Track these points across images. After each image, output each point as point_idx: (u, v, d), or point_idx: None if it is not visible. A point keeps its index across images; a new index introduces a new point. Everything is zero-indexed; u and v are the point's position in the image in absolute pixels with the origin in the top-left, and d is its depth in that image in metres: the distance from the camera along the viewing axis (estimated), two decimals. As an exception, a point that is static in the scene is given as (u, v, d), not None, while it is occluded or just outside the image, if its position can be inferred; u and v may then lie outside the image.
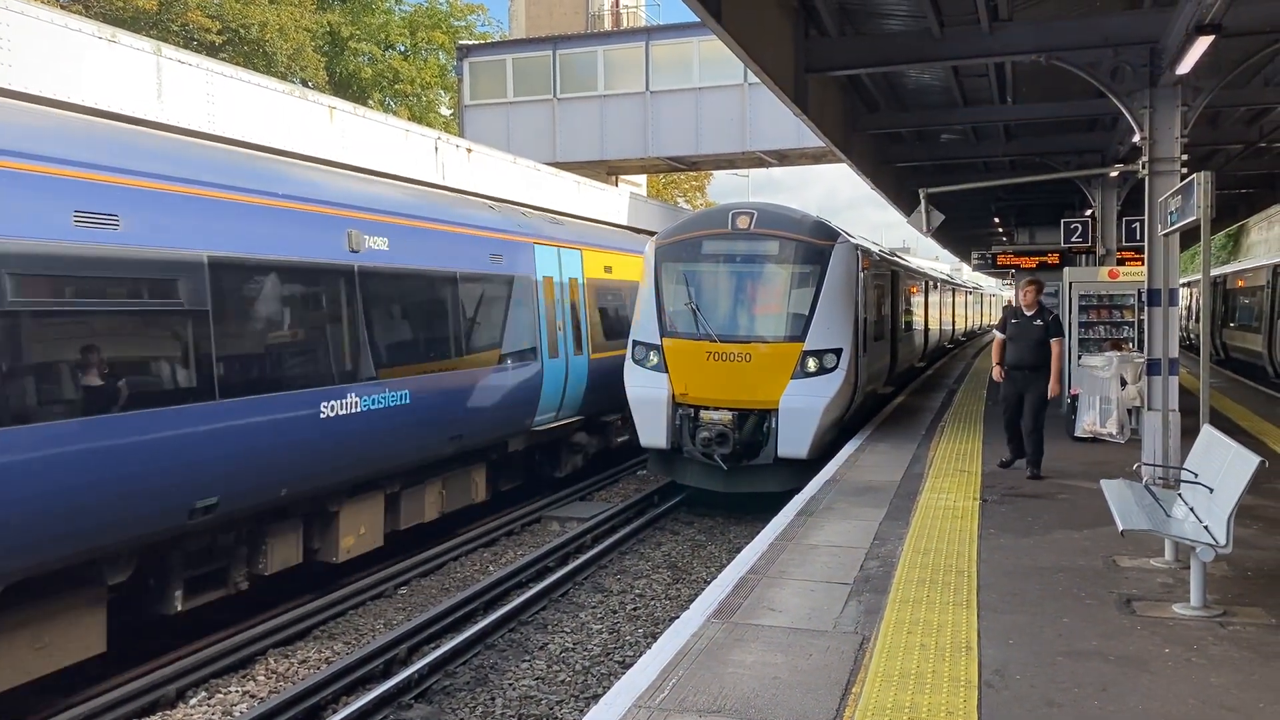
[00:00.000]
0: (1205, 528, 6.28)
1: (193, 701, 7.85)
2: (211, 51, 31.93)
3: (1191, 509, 6.77)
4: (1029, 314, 10.98)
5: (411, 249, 11.18)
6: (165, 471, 7.76)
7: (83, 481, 7.10)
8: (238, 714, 7.55)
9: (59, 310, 7.15)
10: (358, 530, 10.47)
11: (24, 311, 6.80)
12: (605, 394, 15.69)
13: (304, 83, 35.77)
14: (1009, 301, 29.50)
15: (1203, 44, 9.34)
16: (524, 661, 8.61)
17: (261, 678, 8.31)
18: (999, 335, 11.40)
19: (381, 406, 10.31)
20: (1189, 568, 6.46)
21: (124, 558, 7.85)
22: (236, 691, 8.03)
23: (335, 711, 7.46)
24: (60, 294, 7.15)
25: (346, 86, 40.32)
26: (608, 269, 16.97)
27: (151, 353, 7.97)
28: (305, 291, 9.66)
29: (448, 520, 12.65)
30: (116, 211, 7.52)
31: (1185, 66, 9.91)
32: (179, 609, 8.56)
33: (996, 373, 11.42)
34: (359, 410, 9.95)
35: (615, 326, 16.66)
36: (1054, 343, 10.86)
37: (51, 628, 7.33)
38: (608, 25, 34.77)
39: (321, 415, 9.44)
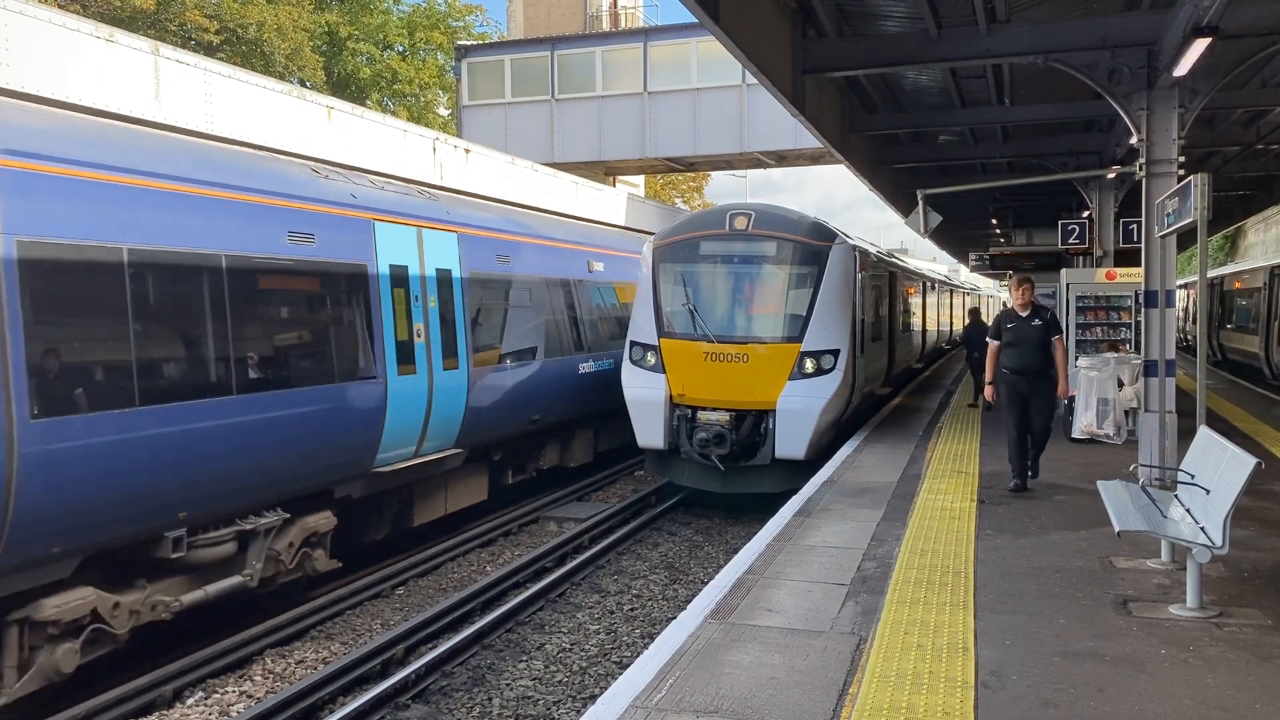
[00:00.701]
0: (1202, 529, 6.29)
1: (190, 701, 7.85)
2: (209, 51, 31.92)
3: (1188, 510, 6.78)
4: (1024, 314, 10.33)
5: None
6: (522, 400, 13.50)
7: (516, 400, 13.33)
8: (235, 714, 7.55)
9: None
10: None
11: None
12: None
13: (302, 83, 35.77)
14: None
15: (1200, 46, 9.36)
16: (521, 662, 8.61)
17: (259, 678, 8.31)
18: (993, 343, 10.53)
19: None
20: (1185, 569, 6.47)
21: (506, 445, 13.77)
22: (234, 691, 8.03)
23: (332, 711, 7.46)
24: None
25: (345, 86, 40.31)
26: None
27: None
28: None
29: (446, 520, 12.65)
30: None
31: (1183, 68, 9.92)
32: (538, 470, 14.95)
33: (989, 393, 10.55)
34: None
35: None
36: (1056, 341, 10.30)
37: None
38: (606, 26, 34.77)
39: (580, 371, 15.71)
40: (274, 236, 9.37)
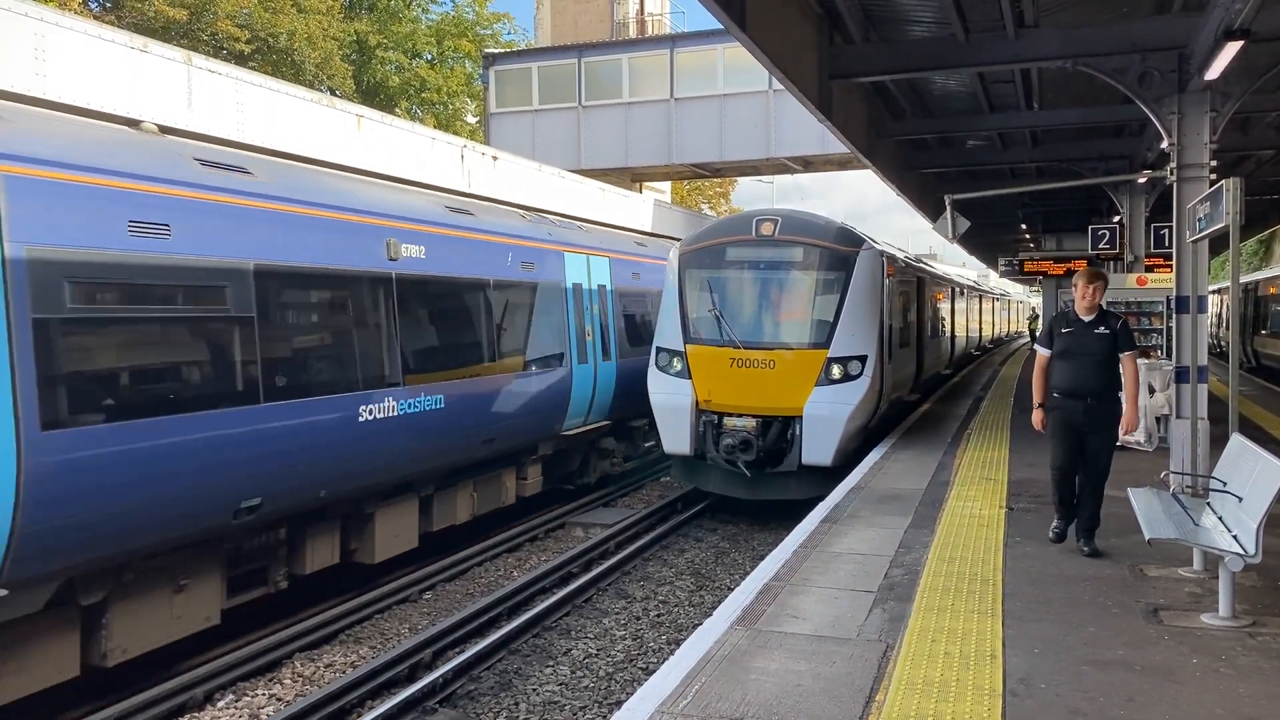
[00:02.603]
0: (1234, 537, 6.22)
1: (220, 704, 7.93)
2: (241, 61, 32.31)
3: (1220, 518, 6.71)
4: (1087, 319, 7.93)
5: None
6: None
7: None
8: (264, 716, 7.62)
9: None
10: None
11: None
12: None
13: (332, 91, 36.10)
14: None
15: (1232, 49, 9.27)
16: (548, 667, 8.64)
17: (288, 681, 8.38)
18: (1042, 352, 8.19)
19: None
20: (1217, 577, 6.40)
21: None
22: (263, 694, 8.10)
23: (360, 715, 7.52)
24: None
25: (374, 95, 40.63)
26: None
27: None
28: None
29: (473, 525, 12.72)
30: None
31: (1214, 72, 9.83)
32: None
33: (1038, 419, 8.20)
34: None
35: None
36: (1126, 358, 7.89)
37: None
38: (633, 33, 34.86)
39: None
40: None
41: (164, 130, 9.75)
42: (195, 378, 8.14)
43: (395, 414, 10.26)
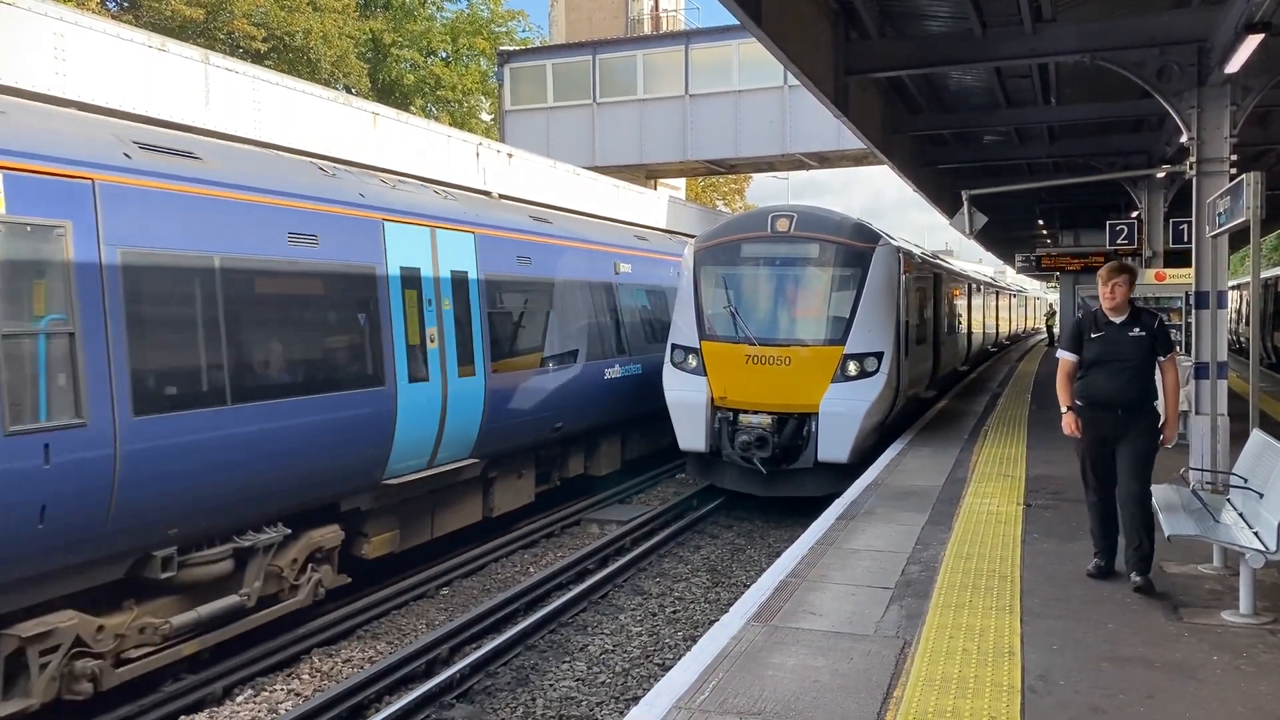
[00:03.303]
0: (1255, 533, 6.18)
1: (239, 699, 7.98)
2: (257, 59, 32.44)
3: (1241, 514, 6.66)
4: (1119, 320, 7.04)
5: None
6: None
7: None
8: (283, 711, 7.66)
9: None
10: None
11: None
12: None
13: (347, 89, 36.21)
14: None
15: (1252, 42, 9.20)
16: (564, 663, 8.65)
17: (306, 676, 8.42)
18: (1067, 358, 7.28)
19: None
20: (1238, 574, 6.36)
21: None
22: (282, 690, 8.15)
23: (378, 710, 7.54)
24: None
25: (389, 93, 40.73)
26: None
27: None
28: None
29: (490, 522, 12.75)
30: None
31: (1234, 65, 9.76)
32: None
33: (1070, 423, 7.14)
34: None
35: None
36: (1166, 363, 7.03)
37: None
38: (647, 29, 34.83)
39: None
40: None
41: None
42: (578, 347, 14.21)
43: (619, 375, 15.38)
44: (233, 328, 8.23)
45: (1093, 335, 7.07)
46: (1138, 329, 6.97)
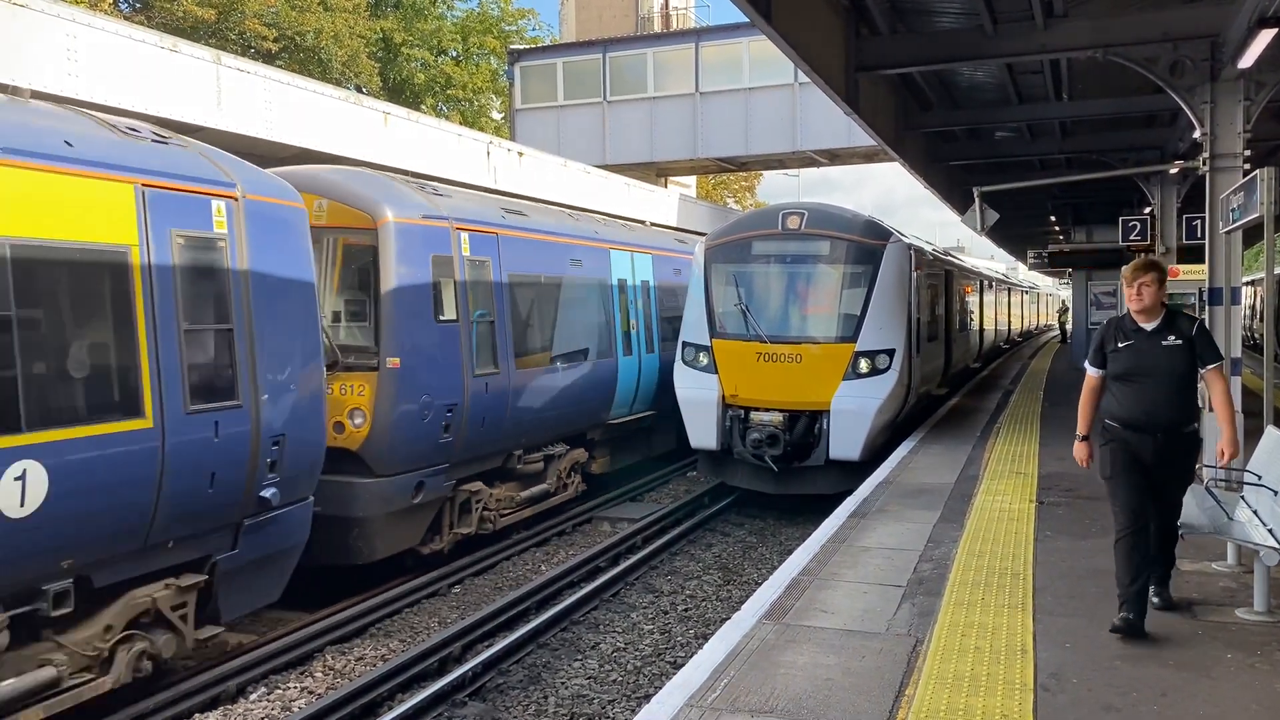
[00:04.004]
0: (1270, 531, 6.14)
1: (253, 697, 8.01)
2: (268, 59, 32.53)
3: (1255, 512, 6.63)
4: (1150, 326, 5.97)
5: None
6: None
7: None
8: (296, 709, 7.69)
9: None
10: None
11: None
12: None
13: (359, 89, 36.30)
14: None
15: (1266, 37, 9.15)
16: (576, 660, 8.66)
17: (319, 674, 8.45)
18: (1092, 374, 6.24)
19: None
20: (1251, 572, 6.33)
21: None
22: (295, 688, 8.17)
23: (391, 708, 7.56)
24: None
25: (400, 92, 40.82)
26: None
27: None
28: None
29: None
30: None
31: (1248, 60, 9.70)
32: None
33: (1081, 452, 6.30)
34: None
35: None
36: (1211, 374, 5.96)
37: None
38: (657, 27, 34.84)
39: None
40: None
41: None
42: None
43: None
44: (550, 316, 13.13)
45: (1119, 345, 6.02)
46: (1172, 336, 5.90)
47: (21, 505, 6.08)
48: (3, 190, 6.02)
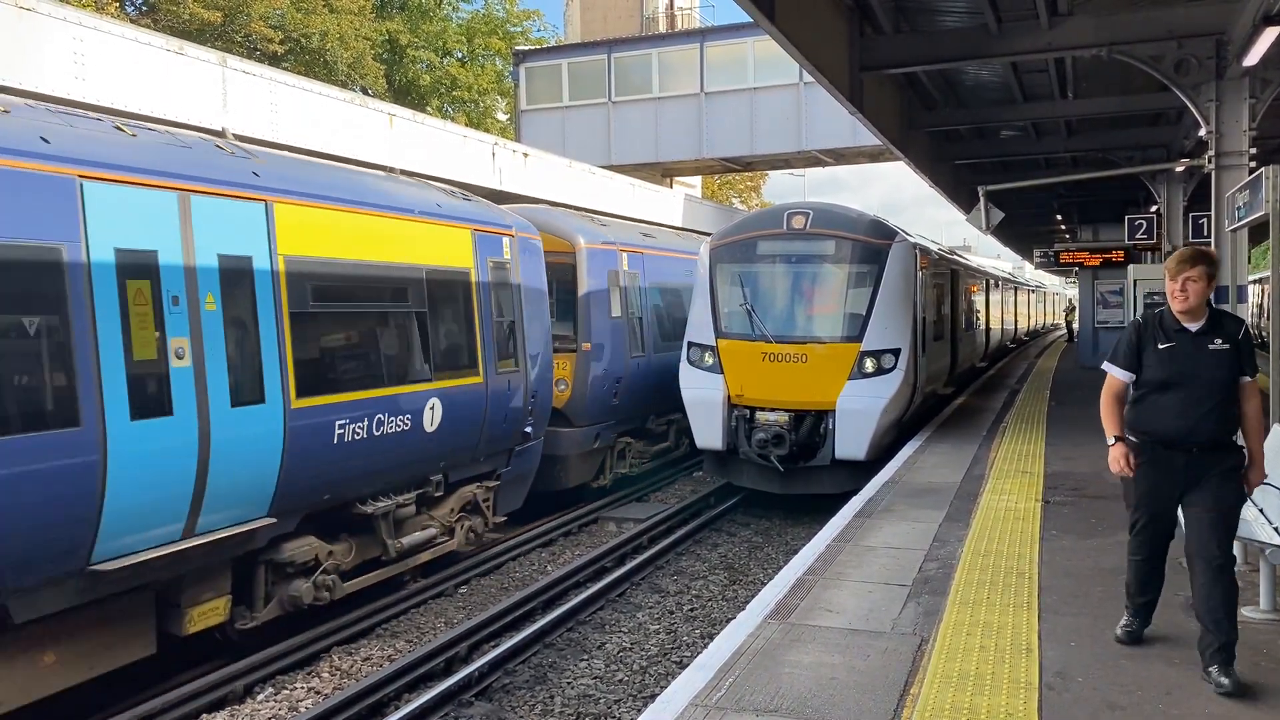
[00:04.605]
0: (1276, 529, 6.14)
1: (260, 697, 8.04)
2: (274, 61, 32.64)
3: (1261, 510, 6.61)
4: (1193, 326, 5.29)
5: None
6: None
7: None
8: (303, 710, 7.71)
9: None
10: None
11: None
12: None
13: (364, 90, 36.38)
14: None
15: (1271, 35, 9.15)
16: (582, 660, 8.67)
17: (326, 675, 8.48)
18: (1119, 377, 5.50)
19: None
20: (1258, 570, 6.32)
21: None
22: (302, 688, 8.20)
23: (397, 708, 7.58)
24: None
25: (405, 94, 40.90)
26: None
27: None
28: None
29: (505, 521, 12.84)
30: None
31: (1253, 58, 9.70)
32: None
33: (1119, 456, 5.41)
34: None
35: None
36: (1248, 386, 5.25)
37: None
38: (662, 28, 34.86)
39: None
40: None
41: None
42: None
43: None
44: (674, 313, 16.18)
45: (1160, 346, 5.30)
46: (1219, 339, 5.21)
47: (432, 425, 9.74)
48: (421, 236, 9.82)
